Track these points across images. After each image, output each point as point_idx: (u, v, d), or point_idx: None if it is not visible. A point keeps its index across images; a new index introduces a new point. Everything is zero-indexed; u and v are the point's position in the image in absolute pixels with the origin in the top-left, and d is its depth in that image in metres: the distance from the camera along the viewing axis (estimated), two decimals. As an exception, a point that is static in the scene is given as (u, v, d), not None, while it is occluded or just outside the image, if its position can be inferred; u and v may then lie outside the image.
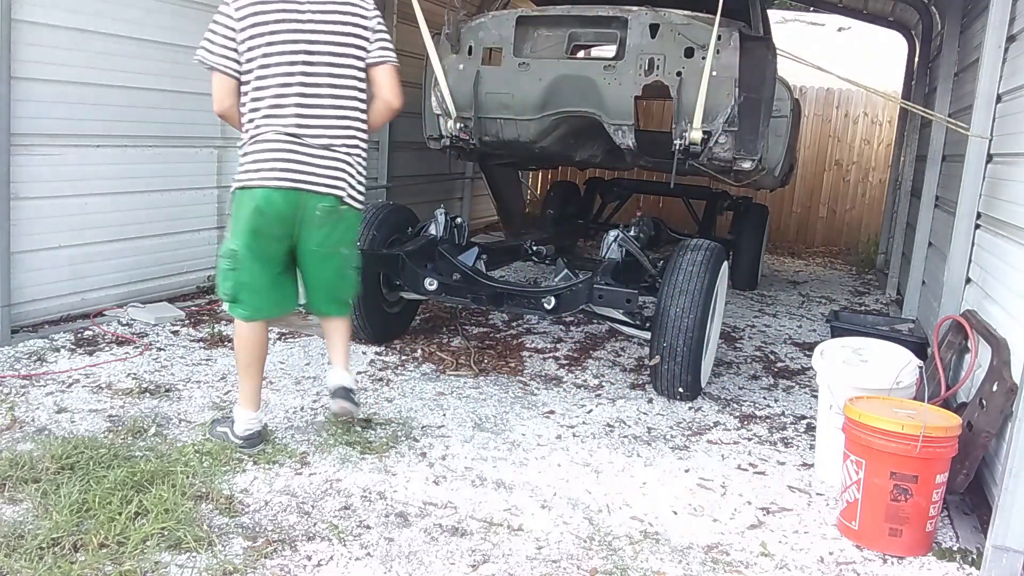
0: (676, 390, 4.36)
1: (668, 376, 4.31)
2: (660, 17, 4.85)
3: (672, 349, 4.22)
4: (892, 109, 10.89)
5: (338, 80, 3.26)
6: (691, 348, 4.21)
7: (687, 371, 4.27)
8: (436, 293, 4.59)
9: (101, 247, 5.17)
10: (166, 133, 5.50)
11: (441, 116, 5.46)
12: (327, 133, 3.24)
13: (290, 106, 3.18)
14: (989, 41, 4.10)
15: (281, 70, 3.16)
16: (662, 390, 4.43)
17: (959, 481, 3.17)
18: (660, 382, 4.38)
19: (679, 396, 4.39)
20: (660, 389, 4.44)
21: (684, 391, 4.36)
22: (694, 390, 4.41)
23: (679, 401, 4.43)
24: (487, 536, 2.88)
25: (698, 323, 4.20)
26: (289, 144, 3.18)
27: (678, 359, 4.23)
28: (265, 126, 3.18)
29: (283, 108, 3.17)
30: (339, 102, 3.27)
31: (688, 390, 4.36)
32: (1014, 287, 3.43)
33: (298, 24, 3.18)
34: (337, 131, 3.26)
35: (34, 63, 4.52)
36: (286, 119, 3.17)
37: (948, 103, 6.17)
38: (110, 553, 2.55)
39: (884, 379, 3.39)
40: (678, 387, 4.33)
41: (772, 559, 2.88)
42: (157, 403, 3.87)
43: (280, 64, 3.16)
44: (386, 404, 4.11)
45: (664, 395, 4.45)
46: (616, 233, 4.80)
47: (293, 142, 3.19)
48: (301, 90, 3.19)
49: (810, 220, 11.86)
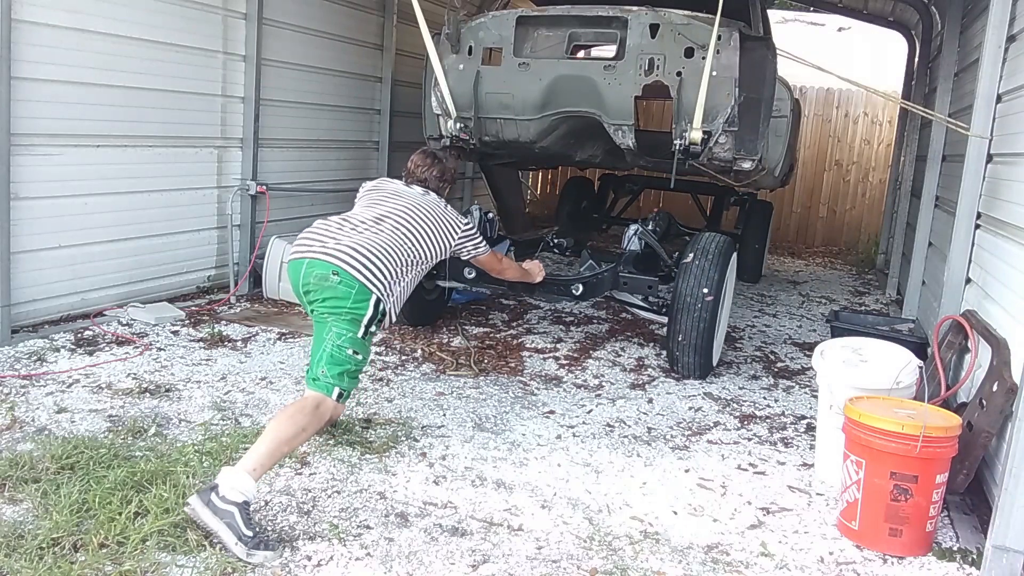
0: (690, 367, 4.80)
1: (683, 354, 4.73)
2: (660, 17, 4.85)
3: (687, 331, 4.63)
4: (892, 109, 10.88)
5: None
6: (705, 329, 4.62)
7: (700, 350, 4.68)
8: (474, 281, 4.97)
9: (101, 247, 5.17)
10: (166, 133, 5.50)
11: (441, 116, 5.46)
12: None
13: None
14: (989, 41, 4.10)
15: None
16: (678, 368, 4.85)
17: (959, 481, 3.17)
18: (676, 360, 4.81)
19: (694, 374, 4.84)
20: (675, 366, 4.86)
21: (697, 369, 4.80)
22: (706, 368, 4.82)
23: (692, 378, 4.84)
24: (487, 536, 2.88)
25: (711, 308, 4.58)
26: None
27: (693, 339, 4.65)
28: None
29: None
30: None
31: (701, 367, 4.79)
32: (1014, 287, 3.43)
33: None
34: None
35: (34, 63, 4.52)
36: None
37: (948, 103, 6.17)
38: (110, 553, 2.56)
39: (884, 379, 3.38)
40: (692, 364, 4.77)
41: (772, 559, 2.88)
42: (157, 403, 3.87)
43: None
44: (386, 404, 4.11)
45: (678, 372, 4.86)
46: (636, 227, 5.37)
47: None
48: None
49: (810, 220, 11.86)
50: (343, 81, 7.19)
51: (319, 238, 3.37)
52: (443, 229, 3.70)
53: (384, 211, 3.57)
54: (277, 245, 6.04)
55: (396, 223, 3.51)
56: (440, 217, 3.71)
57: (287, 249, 6.01)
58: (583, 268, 5.28)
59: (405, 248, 3.45)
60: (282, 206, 6.55)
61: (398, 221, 3.52)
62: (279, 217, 6.47)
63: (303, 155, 6.85)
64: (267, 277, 6.07)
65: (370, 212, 3.57)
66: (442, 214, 3.74)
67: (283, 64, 6.42)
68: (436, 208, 3.73)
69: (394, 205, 3.62)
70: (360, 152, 7.65)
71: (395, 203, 3.64)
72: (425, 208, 3.68)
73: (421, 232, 3.57)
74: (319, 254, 3.28)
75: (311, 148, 6.95)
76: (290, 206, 6.68)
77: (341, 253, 3.26)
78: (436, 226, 3.66)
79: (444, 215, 3.74)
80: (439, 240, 3.67)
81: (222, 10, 5.82)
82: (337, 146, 7.27)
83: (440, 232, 3.68)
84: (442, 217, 3.72)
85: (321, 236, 3.38)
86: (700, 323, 4.59)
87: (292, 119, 6.64)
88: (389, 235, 3.44)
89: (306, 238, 3.41)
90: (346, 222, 3.49)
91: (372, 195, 3.76)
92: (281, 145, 6.55)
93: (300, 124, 6.76)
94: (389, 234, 3.44)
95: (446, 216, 3.75)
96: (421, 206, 3.68)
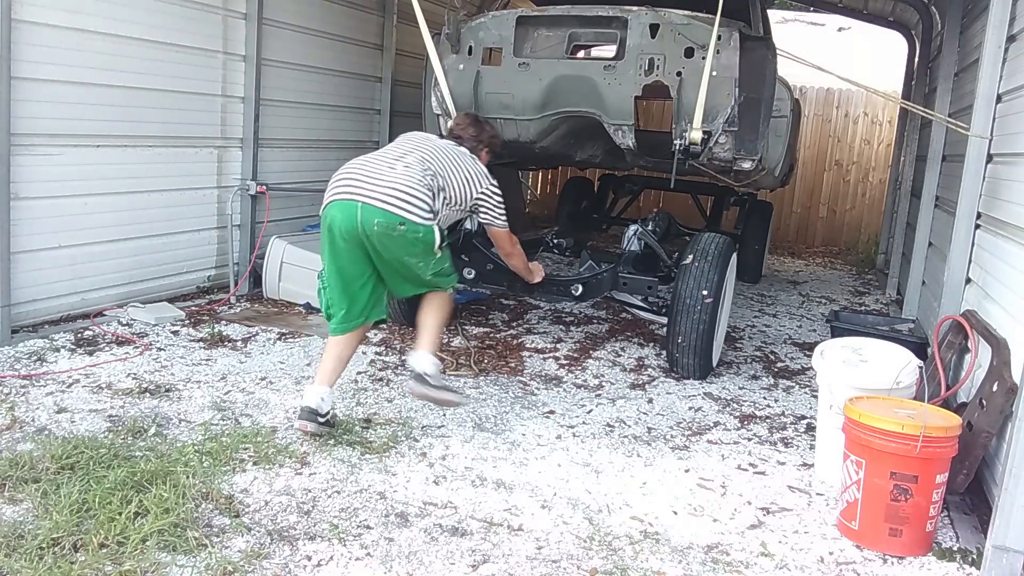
0: (689, 368, 4.78)
1: (683, 356, 4.72)
2: (660, 17, 4.84)
3: (687, 333, 4.63)
4: (892, 109, 10.88)
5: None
6: (704, 330, 4.62)
7: (700, 351, 4.68)
8: (474, 281, 5.02)
9: (101, 247, 5.17)
10: (166, 133, 5.50)
11: (441, 116, 5.45)
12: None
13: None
14: (989, 41, 4.10)
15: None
16: (678, 369, 4.84)
17: (959, 481, 3.17)
18: (675, 362, 4.80)
19: (693, 375, 4.82)
20: (675, 367, 4.85)
21: (697, 370, 4.78)
22: (706, 368, 4.80)
23: (692, 379, 4.81)
24: (487, 536, 2.88)
25: (711, 310, 4.58)
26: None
27: (692, 341, 4.64)
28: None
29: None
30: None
31: (701, 368, 4.77)
32: (1014, 287, 3.43)
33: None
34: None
35: (34, 63, 4.52)
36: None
37: (948, 103, 6.17)
38: (110, 553, 2.55)
39: (884, 379, 3.39)
40: (692, 366, 4.76)
41: (772, 559, 2.88)
42: (157, 403, 3.87)
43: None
44: (386, 404, 4.11)
45: (677, 373, 4.85)
46: (636, 227, 5.36)
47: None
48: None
49: (810, 220, 11.86)
50: (343, 81, 7.19)
51: (363, 179, 3.59)
52: (468, 176, 3.89)
53: (413, 150, 3.80)
54: (277, 245, 6.04)
55: (424, 160, 3.74)
56: (466, 165, 3.92)
57: (287, 252, 6.02)
58: (583, 268, 5.29)
59: (434, 182, 3.69)
60: (282, 206, 6.55)
61: (426, 158, 3.76)
62: (279, 217, 6.47)
63: (303, 155, 6.85)
64: (267, 277, 6.07)
65: (399, 150, 3.81)
66: (470, 163, 3.96)
67: (283, 64, 6.42)
68: (464, 156, 3.97)
69: (423, 147, 3.86)
70: (360, 152, 7.56)
71: (425, 145, 3.89)
72: (453, 153, 3.92)
73: (447, 171, 3.79)
74: (373, 199, 3.52)
75: (311, 148, 6.95)
76: (290, 206, 6.68)
77: (394, 199, 3.52)
78: (461, 171, 3.87)
79: (472, 165, 3.96)
80: (463, 184, 3.86)
81: (222, 10, 5.82)
82: (337, 146, 7.26)
83: (464, 177, 3.87)
84: (469, 166, 3.94)
85: (364, 177, 3.60)
86: (700, 325, 4.60)
87: (292, 119, 6.65)
88: (418, 171, 3.66)
89: (348, 179, 3.62)
90: (381, 160, 3.72)
91: (404, 138, 4.03)
92: (281, 145, 6.55)
93: (300, 124, 6.76)
94: (418, 169, 3.67)
95: (475, 167, 3.97)
96: (448, 150, 3.93)
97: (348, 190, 3.58)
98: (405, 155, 3.75)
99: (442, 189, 3.74)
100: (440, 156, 3.84)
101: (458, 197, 3.84)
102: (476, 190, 3.91)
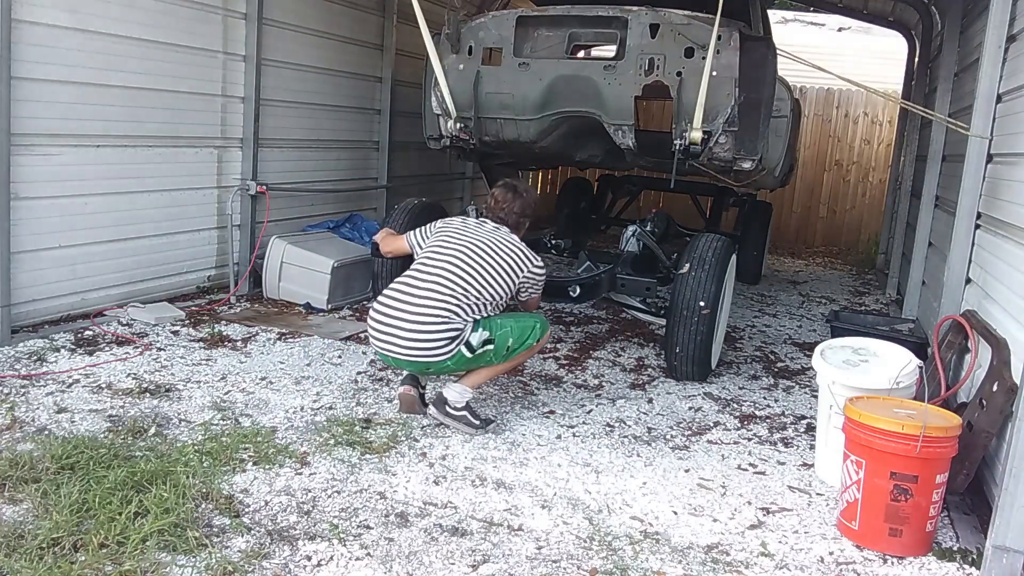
0: (688, 375, 4.75)
1: (681, 364, 4.68)
2: (660, 17, 4.85)
3: (684, 343, 4.58)
4: (892, 109, 10.89)
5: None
6: (702, 340, 4.57)
7: (698, 360, 4.64)
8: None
9: (101, 247, 5.17)
10: (166, 133, 5.50)
11: (441, 116, 5.46)
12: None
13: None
14: (989, 41, 4.10)
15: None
16: (677, 375, 4.80)
17: (959, 481, 3.16)
18: (674, 369, 4.76)
19: (692, 379, 4.78)
20: (674, 373, 4.81)
21: (695, 376, 4.76)
22: (704, 372, 4.77)
23: (691, 381, 4.78)
24: (487, 536, 2.88)
25: (708, 321, 4.52)
26: None
27: (690, 351, 4.60)
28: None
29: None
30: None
31: (699, 373, 4.75)
32: (1014, 287, 3.43)
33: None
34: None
35: (34, 63, 4.52)
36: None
37: (948, 103, 6.17)
38: (110, 553, 2.55)
39: (884, 379, 3.39)
40: (690, 373, 4.73)
41: (772, 559, 2.88)
42: (157, 403, 3.87)
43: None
44: (386, 404, 4.11)
45: (677, 375, 4.80)
46: (634, 228, 5.35)
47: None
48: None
49: (810, 220, 11.86)
50: (343, 81, 7.19)
51: (392, 325, 3.62)
52: (512, 269, 3.83)
53: (452, 261, 3.73)
54: (277, 245, 6.04)
55: (465, 273, 3.70)
56: (510, 258, 3.84)
57: (287, 252, 5.97)
58: (581, 269, 5.25)
59: (477, 299, 3.69)
60: (282, 206, 6.55)
61: (467, 272, 3.71)
62: (279, 217, 6.47)
63: (303, 155, 6.85)
64: (267, 277, 6.07)
65: (438, 263, 3.75)
66: (514, 252, 3.87)
67: (283, 64, 6.42)
68: (505, 246, 3.87)
69: (464, 254, 3.76)
70: (360, 152, 7.65)
71: (466, 253, 3.77)
72: (494, 248, 3.83)
73: (491, 278, 3.75)
74: (399, 353, 3.63)
75: (311, 148, 6.95)
76: (290, 206, 6.68)
77: (417, 350, 3.60)
78: (504, 270, 3.81)
79: (515, 252, 3.87)
80: (508, 284, 3.81)
81: (222, 10, 5.82)
82: (337, 146, 7.27)
83: (509, 274, 3.81)
84: (512, 257, 3.85)
85: (396, 322, 3.61)
86: (697, 336, 4.56)
87: (292, 119, 6.65)
88: (454, 293, 3.65)
89: (383, 322, 3.65)
90: (419, 284, 3.67)
91: (438, 237, 3.91)
92: (281, 145, 6.55)
93: (300, 124, 6.76)
94: (456, 290, 3.65)
95: (518, 253, 3.88)
96: (490, 248, 3.83)
97: (382, 338, 3.67)
98: (443, 271, 3.70)
99: (486, 302, 3.74)
100: (483, 265, 3.75)
101: (503, 294, 3.81)
102: (520, 275, 3.87)
